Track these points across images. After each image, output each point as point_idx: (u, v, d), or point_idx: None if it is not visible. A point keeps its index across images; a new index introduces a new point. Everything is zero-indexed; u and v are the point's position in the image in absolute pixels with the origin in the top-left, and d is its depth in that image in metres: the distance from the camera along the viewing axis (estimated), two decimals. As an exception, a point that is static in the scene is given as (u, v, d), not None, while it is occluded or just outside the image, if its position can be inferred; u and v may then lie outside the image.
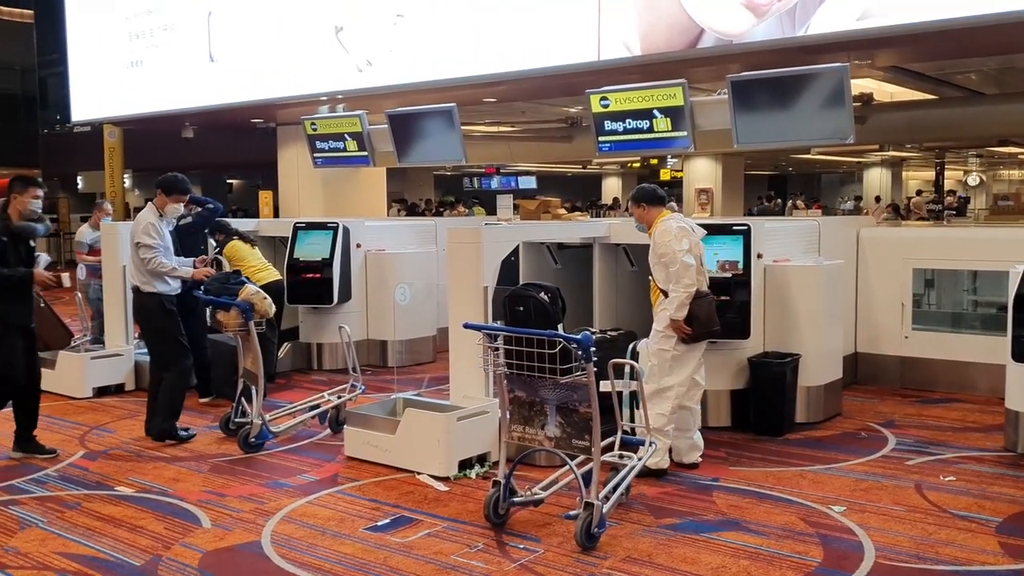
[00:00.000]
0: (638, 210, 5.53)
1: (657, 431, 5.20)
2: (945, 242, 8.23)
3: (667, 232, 5.30)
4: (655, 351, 5.38)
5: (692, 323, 5.25)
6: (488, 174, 26.72)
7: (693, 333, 5.27)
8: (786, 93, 7.46)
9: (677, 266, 5.20)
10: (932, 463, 5.72)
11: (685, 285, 5.19)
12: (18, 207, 5.81)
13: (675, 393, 5.33)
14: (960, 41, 8.31)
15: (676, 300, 5.22)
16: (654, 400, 5.23)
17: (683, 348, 5.32)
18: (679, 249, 5.21)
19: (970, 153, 29.13)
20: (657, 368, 5.33)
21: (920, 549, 4.32)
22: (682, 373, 5.35)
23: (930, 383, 7.74)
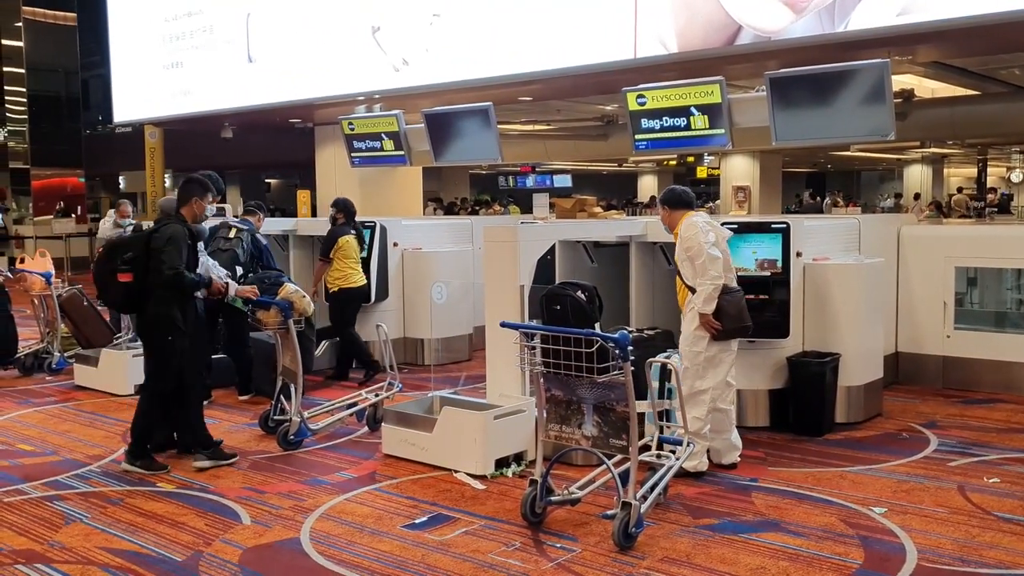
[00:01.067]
0: (663, 212, 5.55)
1: (694, 434, 5.17)
2: (987, 240, 8.08)
3: (693, 226, 5.27)
4: (687, 353, 5.31)
5: (722, 319, 5.20)
6: (523, 173, 26.72)
7: (723, 329, 5.22)
8: (825, 90, 7.37)
9: (703, 258, 5.16)
10: (975, 464, 5.63)
11: (712, 277, 5.15)
12: (196, 210, 5.79)
13: (710, 396, 5.27)
14: (1002, 36, 8.17)
15: (703, 293, 5.18)
16: (689, 403, 5.18)
17: (716, 349, 5.26)
18: (705, 241, 5.19)
19: (1013, 149, 28.61)
20: (691, 371, 5.28)
21: (963, 552, 4.25)
22: (717, 375, 5.29)
23: (973, 383, 7.62)
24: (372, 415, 6.61)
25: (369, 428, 6.60)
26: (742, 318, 5.29)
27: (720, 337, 5.25)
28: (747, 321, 5.34)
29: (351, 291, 8.18)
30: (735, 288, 5.34)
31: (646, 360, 5.14)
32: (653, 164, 29.91)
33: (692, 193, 5.68)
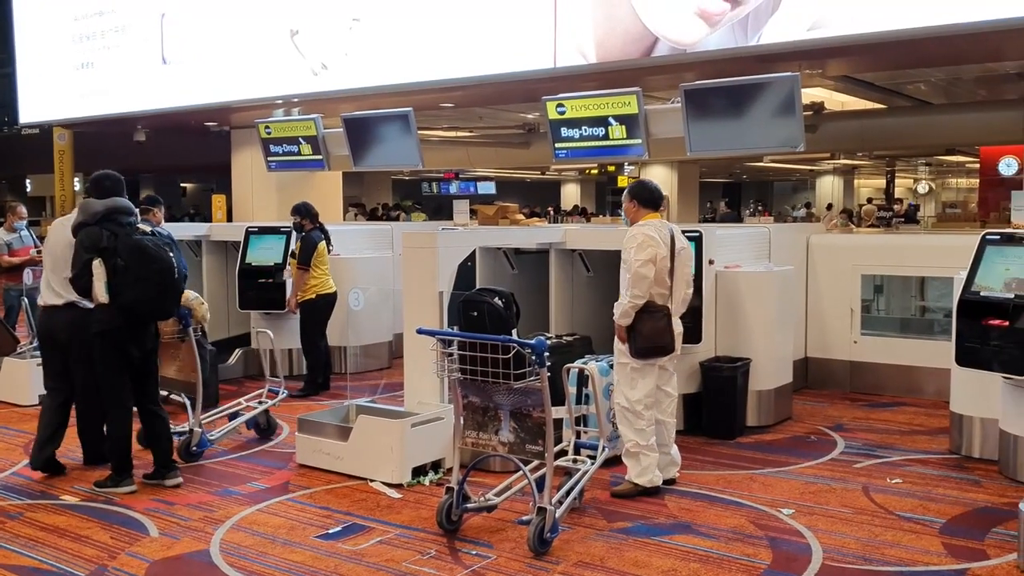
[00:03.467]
0: (629, 205, 5.36)
1: (644, 447, 5.15)
2: (893, 249, 8.38)
3: (633, 239, 5.15)
4: (619, 365, 5.23)
5: (636, 339, 5.07)
6: (447, 179, 26.68)
7: (635, 347, 5.09)
8: (738, 102, 7.53)
9: (631, 275, 5.07)
10: (879, 466, 5.82)
11: (634, 295, 5.03)
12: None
13: (644, 405, 5.17)
14: (908, 51, 8.49)
15: (620, 307, 5.09)
16: (625, 417, 5.15)
17: (641, 363, 5.16)
18: (637, 258, 5.06)
19: (920, 162, 29.72)
20: (624, 383, 5.19)
21: (866, 551, 4.39)
22: (647, 385, 5.17)
23: (878, 387, 7.88)
24: (262, 423, 6.49)
25: (259, 435, 6.50)
26: (655, 339, 5.10)
27: (636, 355, 5.12)
28: (661, 342, 5.13)
29: (327, 298, 8.05)
30: (660, 307, 5.12)
31: (564, 366, 5.20)
32: (576, 173, 30.19)
33: (660, 193, 5.54)
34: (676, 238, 5.28)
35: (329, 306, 8.08)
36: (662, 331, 5.13)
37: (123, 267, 5.12)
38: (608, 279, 6.52)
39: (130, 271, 5.13)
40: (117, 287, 5.11)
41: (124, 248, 5.16)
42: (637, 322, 5.08)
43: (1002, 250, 5.50)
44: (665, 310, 5.15)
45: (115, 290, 5.11)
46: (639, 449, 5.14)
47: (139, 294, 5.16)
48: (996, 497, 5.18)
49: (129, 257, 5.14)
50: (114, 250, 5.13)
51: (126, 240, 5.18)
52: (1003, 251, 5.49)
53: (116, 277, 5.12)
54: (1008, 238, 5.52)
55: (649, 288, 5.07)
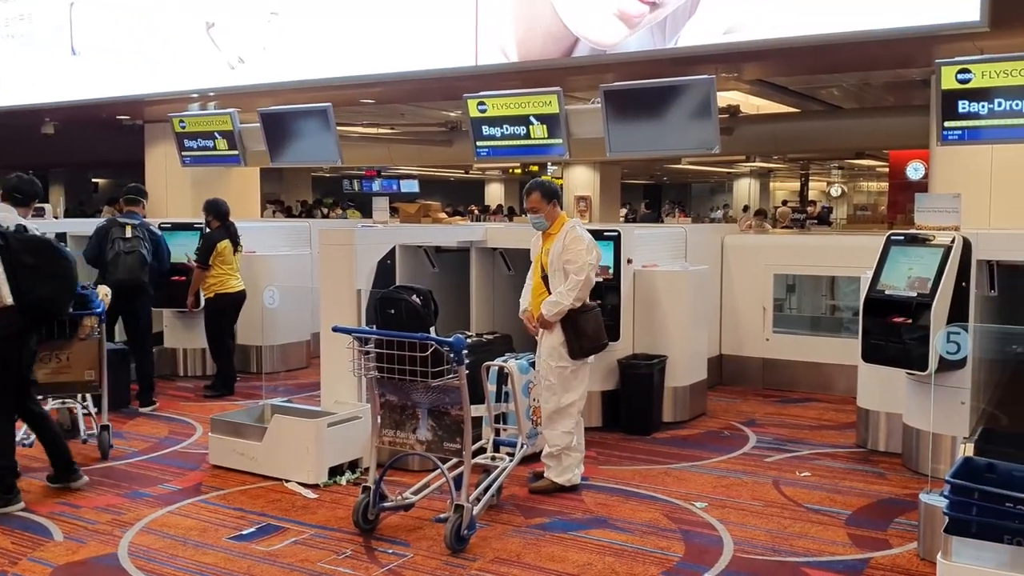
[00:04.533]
0: (546, 206, 5.26)
1: (567, 448, 5.18)
2: (803, 249, 8.62)
3: (580, 241, 5.13)
4: (551, 368, 5.18)
5: (582, 339, 5.10)
6: (369, 177, 26.41)
7: (582, 348, 5.12)
8: (656, 104, 7.64)
9: (581, 278, 5.04)
10: (789, 460, 5.98)
11: (578, 298, 5.05)
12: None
13: (577, 408, 5.21)
14: (821, 57, 8.72)
15: (557, 306, 5.06)
16: (556, 418, 5.15)
17: (579, 363, 5.18)
18: (591, 262, 5.10)
19: (832, 165, 30.63)
20: (557, 386, 5.16)
21: (775, 542, 4.51)
22: (580, 387, 5.22)
23: (790, 383, 8.10)
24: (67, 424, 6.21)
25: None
26: (599, 336, 5.20)
27: (578, 356, 5.15)
28: (604, 338, 5.25)
29: (230, 297, 7.86)
30: (592, 305, 5.24)
31: (483, 364, 5.21)
32: (499, 172, 30.26)
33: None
34: None
35: (233, 306, 7.92)
36: (600, 328, 5.25)
37: (31, 265, 4.91)
38: (528, 278, 6.54)
39: (40, 268, 4.93)
40: (25, 285, 4.89)
41: (28, 245, 4.95)
42: (579, 323, 5.10)
43: (906, 250, 5.69)
44: (595, 306, 5.28)
45: (23, 288, 4.88)
46: (563, 451, 5.17)
47: (51, 291, 4.98)
48: (899, 489, 5.37)
49: (38, 254, 4.95)
50: (8, 247, 4.88)
51: (26, 237, 4.97)
52: (907, 251, 5.68)
53: (22, 275, 4.89)
54: (911, 239, 5.72)
55: (587, 293, 5.17)
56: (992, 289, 5.55)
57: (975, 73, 6.16)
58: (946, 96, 6.22)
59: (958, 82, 6.20)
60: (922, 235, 5.64)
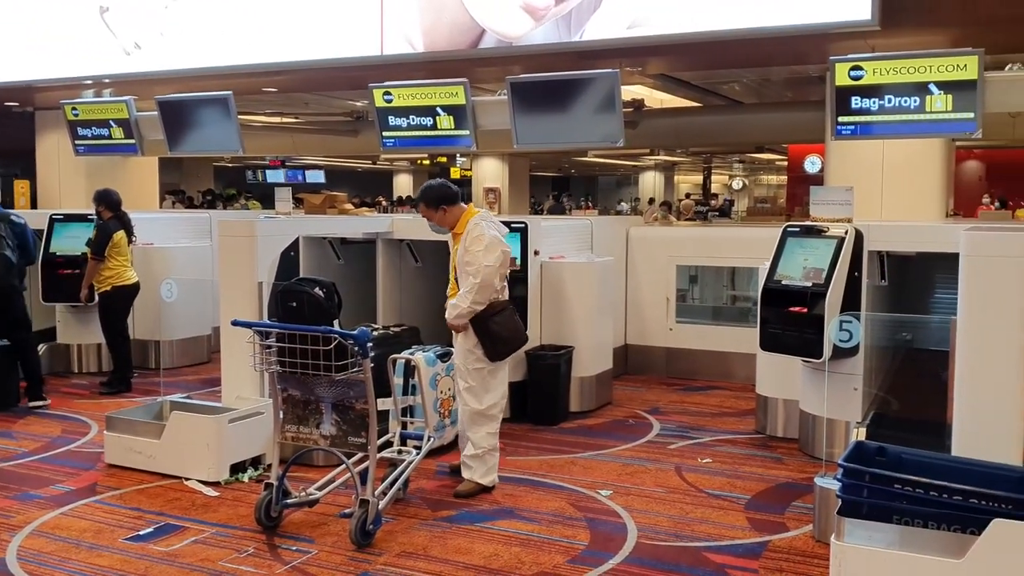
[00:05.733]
0: (437, 214, 5.07)
1: (492, 450, 5.12)
2: (705, 241, 8.82)
3: (479, 241, 4.91)
4: (468, 371, 5.07)
5: (496, 343, 4.98)
6: (273, 167, 25.87)
7: (498, 351, 5.02)
8: (562, 96, 7.70)
9: (478, 280, 4.88)
10: (691, 447, 6.12)
11: (475, 302, 4.89)
12: None
13: (499, 408, 5.13)
14: (721, 53, 8.93)
15: (456, 310, 4.96)
16: (479, 420, 5.07)
17: (497, 364, 5.08)
18: (487, 264, 4.86)
19: (734, 159, 31.43)
20: (476, 388, 5.05)
21: (677, 528, 4.60)
22: (500, 386, 5.15)
23: (693, 372, 8.28)
24: None
25: None
26: (514, 337, 5.09)
27: (494, 359, 5.04)
28: (519, 338, 5.14)
29: (127, 289, 7.59)
30: (504, 303, 5.06)
31: (389, 356, 5.15)
32: (408, 163, 30.04)
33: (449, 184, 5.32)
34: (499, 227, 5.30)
35: (127, 298, 7.68)
36: (517, 327, 5.14)
37: None
38: (437, 270, 6.53)
39: None
40: None
41: None
42: (493, 327, 4.96)
43: (801, 242, 5.87)
44: (509, 304, 5.12)
45: None
46: (488, 452, 5.10)
47: None
48: (796, 473, 5.54)
49: None
50: None
51: None
52: (802, 243, 5.86)
53: None
54: (807, 230, 5.90)
55: (488, 296, 4.95)
56: (883, 279, 5.78)
57: (867, 70, 6.40)
58: (840, 92, 6.44)
59: (851, 79, 6.43)
60: (817, 227, 5.82)
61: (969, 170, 18.62)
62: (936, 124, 6.31)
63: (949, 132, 6.61)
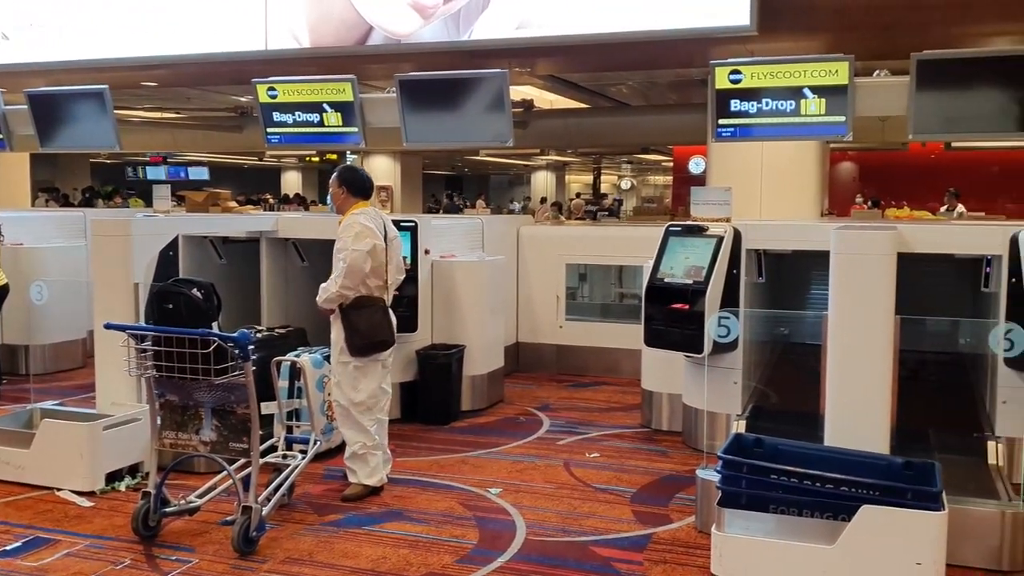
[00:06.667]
0: (338, 190, 5.11)
1: (371, 448, 5.04)
2: (594, 240, 8.96)
3: (351, 227, 4.94)
4: (337, 365, 5.03)
5: (354, 335, 4.93)
6: (154, 163, 24.98)
7: (355, 344, 4.95)
8: (451, 95, 7.67)
9: (348, 264, 4.86)
10: (580, 442, 6.20)
11: (344, 286, 4.86)
12: None
13: (367, 407, 5.04)
14: (607, 55, 9.09)
15: (325, 293, 4.91)
16: (347, 417, 5.00)
17: (365, 360, 5.01)
18: (356, 248, 4.87)
19: (622, 159, 32.04)
20: (344, 383, 5.00)
21: (565, 523, 4.65)
22: (371, 384, 5.05)
23: (582, 369, 8.40)
24: None
25: None
26: (373, 335, 4.99)
27: (355, 353, 4.97)
28: (381, 337, 5.03)
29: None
30: (374, 300, 4.99)
31: (273, 359, 5.04)
32: (296, 160, 29.48)
33: (371, 182, 5.32)
34: (388, 227, 5.24)
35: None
36: (380, 325, 5.05)
37: None
38: (324, 269, 6.39)
39: None
40: None
41: None
42: (353, 318, 4.92)
43: (683, 240, 6.03)
44: (381, 303, 5.06)
45: None
46: (366, 451, 5.02)
47: None
48: (680, 466, 5.68)
49: None
50: None
51: None
52: (684, 241, 6.02)
53: None
54: (688, 229, 6.06)
55: (362, 280, 4.92)
56: (760, 276, 5.98)
57: (745, 74, 6.59)
58: (720, 95, 6.61)
59: (730, 82, 6.60)
60: (697, 226, 5.98)
61: (844, 171, 19.47)
62: (810, 127, 6.54)
63: (822, 135, 6.87)
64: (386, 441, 5.26)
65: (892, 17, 7.83)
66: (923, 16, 7.85)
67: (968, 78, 6.03)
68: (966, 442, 4.93)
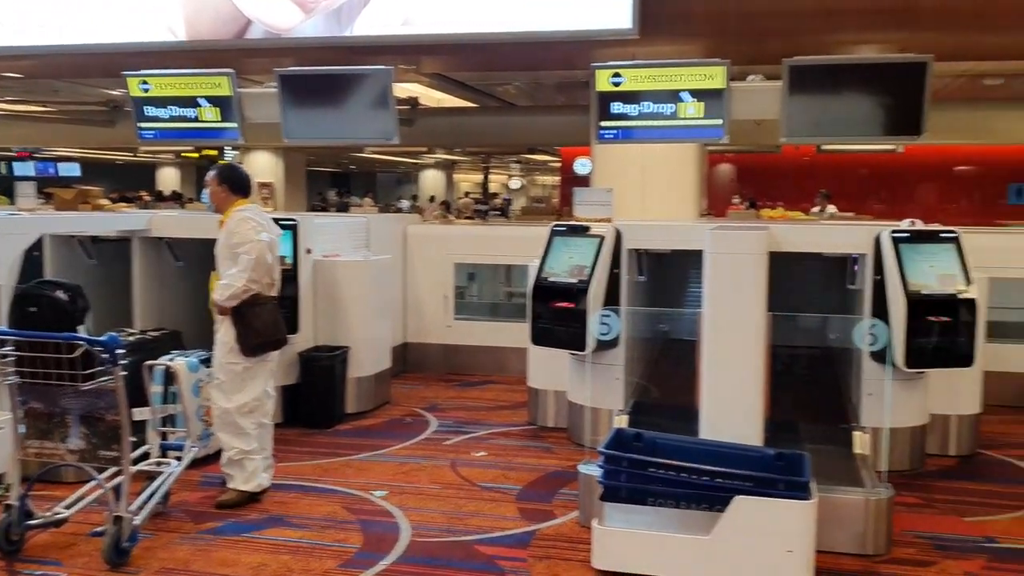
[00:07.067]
0: (218, 189, 4.98)
1: (249, 453, 4.89)
2: (481, 239, 8.98)
3: (247, 221, 4.87)
4: (223, 366, 4.89)
5: (251, 334, 4.83)
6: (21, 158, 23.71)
7: (250, 344, 4.85)
8: (334, 91, 7.55)
9: (253, 256, 4.77)
10: (467, 441, 6.20)
11: (249, 279, 4.78)
12: None
13: (250, 409, 4.91)
14: (491, 55, 9.14)
15: (230, 289, 4.79)
16: (227, 421, 4.85)
17: (253, 360, 4.90)
18: (259, 239, 4.82)
19: (511, 159, 32.22)
20: (228, 384, 4.87)
21: (451, 523, 4.64)
22: (256, 387, 4.93)
23: (471, 368, 8.40)
24: None
25: None
26: (269, 333, 4.91)
27: (247, 353, 4.86)
28: (276, 335, 4.97)
29: None
30: (268, 298, 4.91)
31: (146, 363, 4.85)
32: (173, 155, 28.46)
33: (250, 180, 5.18)
34: (270, 225, 5.11)
35: None
36: (276, 323, 4.97)
37: None
38: (200, 270, 6.20)
39: None
40: None
41: None
42: (247, 317, 4.82)
43: (567, 240, 6.10)
44: (273, 301, 5.00)
45: None
46: (243, 456, 4.88)
47: None
48: (564, 462, 5.74)
49: None
50: None
51: None
52: (567, 241, 6.09)
53: None
54: (572, 229, 6.13)
55: (267, 272, 4.88)
56: (641, 274, 6.11)
57: (626, 77, 6.72)
58: (601, 97, 6.72)
59: (612, 85, 6.72)
60: (581, 226, 6.07)
61: (723, 172, 20.09)
62: (689, 130, 6.71)
63: (701, 138, 7.06)
64: (271, 446, 5.13)
65: (765, 24, 8.14)
66: (794, 24, 8.19)
67: (836, 84, 6.31)
68: (834, 433, 5.15)
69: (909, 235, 5.31)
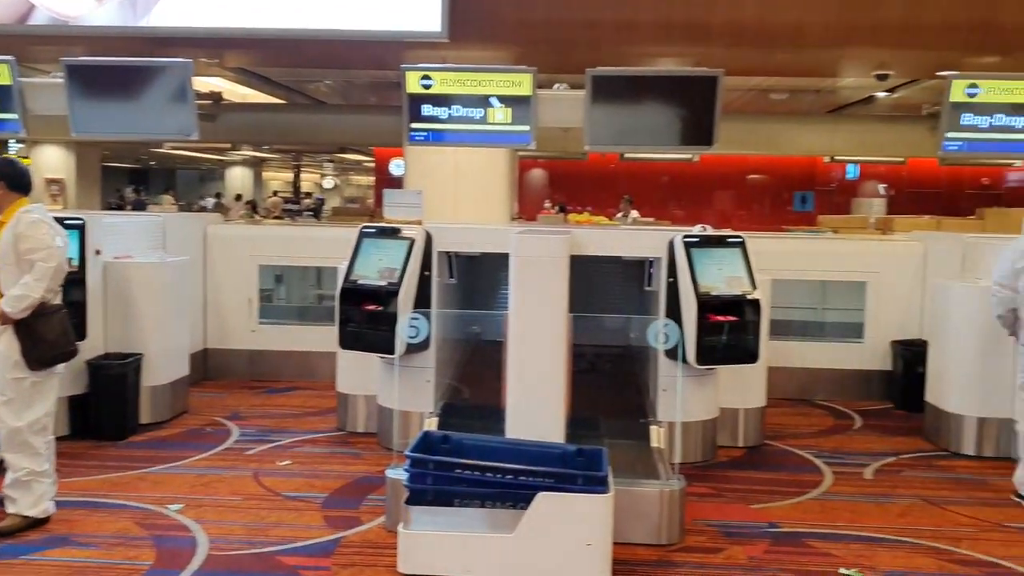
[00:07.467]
0: None
1: (40, 475, 4.49)
2: (290, 240, 8.73)
3: (40, 224, 4.48)
4: (8, 382, 4.46)
5: (41, 347, 4.46)
6: None
7: (42, 357, 4.49)
8: (128, 84, 7.14)
9: (52, 264, 4.41)
10: (271, 450, 6.01)
11: (49, 288, 4.43)
12: None
13: (42, 426, 4.53)
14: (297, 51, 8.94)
15: (26, 300, 4.38)
16: (18, 441, 4.44)
17: (42, 374, 4.51)
18: (56, 245, 4.47)
19: (324, 158, 31.64)
20: (17, 401, 4.45)
21: (252, 535, 4.48)
22: (47, 402, 4.56)
23: (277, 374, 8.14)
24: None
25: None
26: (64, 342, 4.58)
27: (38, 367, 4.48)
28: (68, 347, 4.63)
29: None
30: (57, 307, 4.60)
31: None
32: (-52, 148, 26.05)
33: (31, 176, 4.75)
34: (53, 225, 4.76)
35: None
36: (67, 333, 4.63)
37: None
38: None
39: None
40: None
41: None
42: (36, 329, 4.45)
43: (377, 242, 6.04)
44: (63, 309, 4.66)
45: None
46: (32, 477, 4.48)
47: None
48: (373, 467, 5.67)
49: None
50: None
51: None
52: (377, 243, 6.03)
53: None
54: (381, 231, 6.08)
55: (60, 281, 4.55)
56: (452, 277, 6.14)
57: (436, 80, 6.75)
58: (412, 99, 6.72)
59: (422, 87, 6.73)
60: (391, 228, 6.03)
61: (535, 177, 20.56)
62: (498, 135, 6.83)
63: (509, 143, 7.18)
64: (54, 463, 4.73)
65: (569, 33, 8.40)
66: (596, 34, 8.50)
67: (636, 95, 6.60)
68: (634, 428, 5.37)
69: (699, 240, 5.61)
